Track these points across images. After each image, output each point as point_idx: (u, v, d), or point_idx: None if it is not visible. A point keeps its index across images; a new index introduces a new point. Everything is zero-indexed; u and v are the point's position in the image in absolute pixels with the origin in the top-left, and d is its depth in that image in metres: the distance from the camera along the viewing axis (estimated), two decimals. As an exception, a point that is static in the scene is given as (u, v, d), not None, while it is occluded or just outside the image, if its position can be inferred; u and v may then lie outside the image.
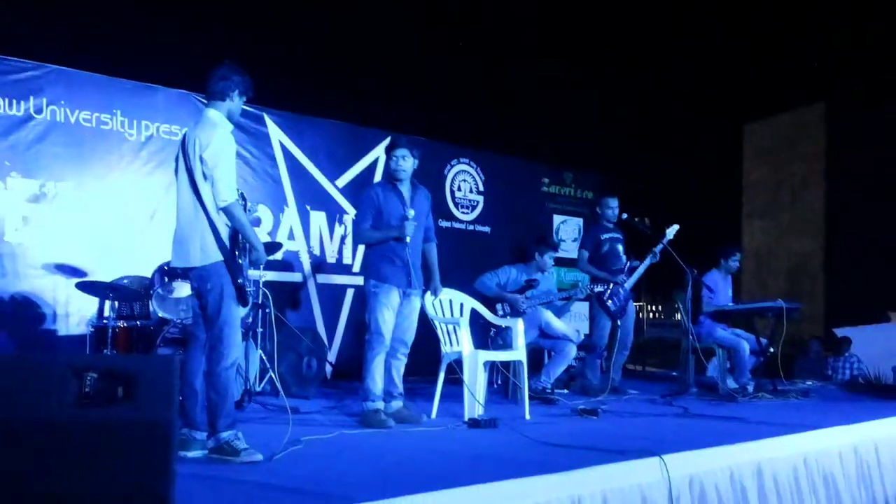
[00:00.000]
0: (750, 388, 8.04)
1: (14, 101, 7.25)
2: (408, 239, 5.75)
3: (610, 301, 7.78)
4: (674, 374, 8.86)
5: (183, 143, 4.43)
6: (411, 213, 5.79)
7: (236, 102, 4.54)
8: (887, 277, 12.34)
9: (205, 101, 4.57)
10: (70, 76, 7.58)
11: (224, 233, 4.34)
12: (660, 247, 7.81)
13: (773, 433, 5.24)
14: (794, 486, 5.02)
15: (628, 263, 8.01)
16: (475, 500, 3.46)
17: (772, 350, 8.44)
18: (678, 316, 8.67)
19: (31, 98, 7.33)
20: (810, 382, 9.29)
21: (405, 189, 5.91)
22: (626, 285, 7.88)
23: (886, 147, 13.08)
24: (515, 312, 7.36)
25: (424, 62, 10.52)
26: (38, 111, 7.35)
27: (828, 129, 14.15)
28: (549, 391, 7.35)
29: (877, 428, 5.96)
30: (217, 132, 4.35)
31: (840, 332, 11.47)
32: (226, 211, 4.31)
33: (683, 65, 12.82)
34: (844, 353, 11.10)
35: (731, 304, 8.65)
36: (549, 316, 7.59)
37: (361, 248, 7.89)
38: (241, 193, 4.84)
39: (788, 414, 6.59)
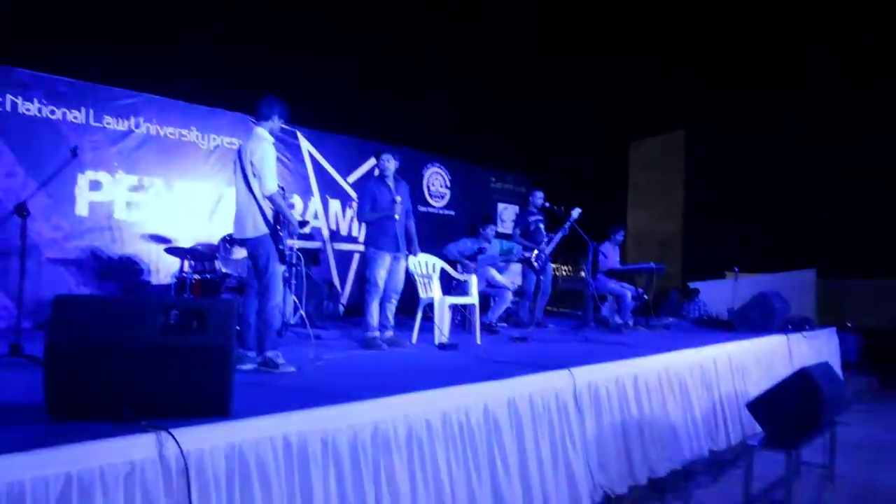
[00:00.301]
0: (630, 323, 8.11)
1: (119, 119, 7.16)
2: (396, 217, 5.76)
3: (535, 262, 7.80)
4: (579, 313, 8.89)
5: (239, 152, 4.41)
6: (399, 198, 5.79)
7: (276, 123, 4.50)
8: (724, 250, 12.53)
9: (254, 121, 4.51)
10: (159, 102, 7.48)
11: (269, 213, 4.32)
12: (568, 223, 7.80)
13: (646, 353, 5.30)
14: (659, 389, 5.08)
15: (547, 237, 8.03)
16: (442, 399, 3.48)
17: (645, 297, 8.51)
18: (582, 273, 8.69)
19: (132, 117, 7.23)
20: (671, 319, 9.38)
21: (391, 183, 5.90)
22: (546, 251, 7.90)
23: (728, 161, 13.26)
24: (469, 270, 7.37)
25: (409, 90, 10.48)
26: (137, 126, 7.26)
27: (686, 149, 14.33)
28: (493, 325, 7.38)
29: (714, 349, 6.04)
30: (262, 144, 4.33)
31: (692, 285, 11.58)
32: (269, 198, 4.29)
33: (586, 93, 12.89)
34: (695, 299, 11.20)
35: (619, 265, 8.71)
36: (493, 272, 7.62)
37: (363, 226, 7.85)
38: (282, 187, 4.79)
39: (656, 340, 6.66)
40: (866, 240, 11.19)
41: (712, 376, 5.81)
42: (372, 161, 9.50)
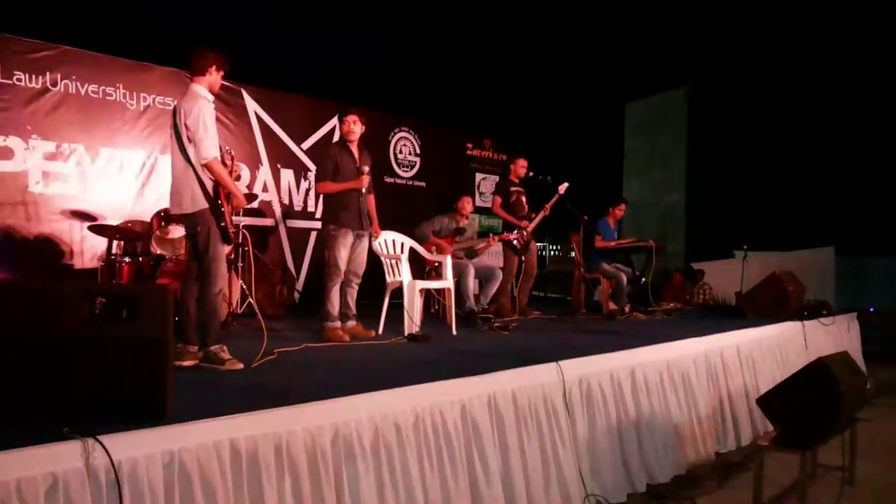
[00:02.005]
0: (626, 309, 8.19)
1: (33, 75, 7.03)
2: (363, 189, 5.72)
3: (515, 242, 7.82)
4: (568, 298, 8.95)
5: (173, 113, 4.34)
6: (365, 168, 5.76)
7: (215, 77, 4.44)
8: (733, 224, 12.62)
9: (190, 77, 4.45)
10: (79, 55, 7.34)
11: (209, 185, 4.27)
12: (550, 203, 7.83)
13: (644, 343, 5.32)
14: (659, 384, 5.13)
15: (530, 213, 8.05)
16: (413, 398, 3.48)
17: (644, 280, 8.59)
18: (573, 253, 8.73)
19: (48, 73, 7.10)
20: (672, 305, 9.47)
21: (355, 149, 5.86)
22: (527, 230, 7.91)
23: (737, 123, 13.31)
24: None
25: (372, 42, 10.39)
26: (54, 84, 7.14)
27: (689, 109, 14.34)
28: (486, 309, 7.45)
29: (722, 339, 6.09)
30: (198, 103, 4.26)
31: (696, 265, 11.69)
32: (207, 167, 4.24)
33: (580, 52, 12.82)
34: (699, 281, 11.32)
35: (613, 242, 8.76)
36: (475, 261, 7.64)
37: (321, 200, 7.80)
38: (230, 150, 4.73)
39: (655, 329, 6.71)
40: (893, 212, 11.35)
41: (719, 369, 5.87)
42: (330, 125, 9.50)
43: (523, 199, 8.16)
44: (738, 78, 13.06)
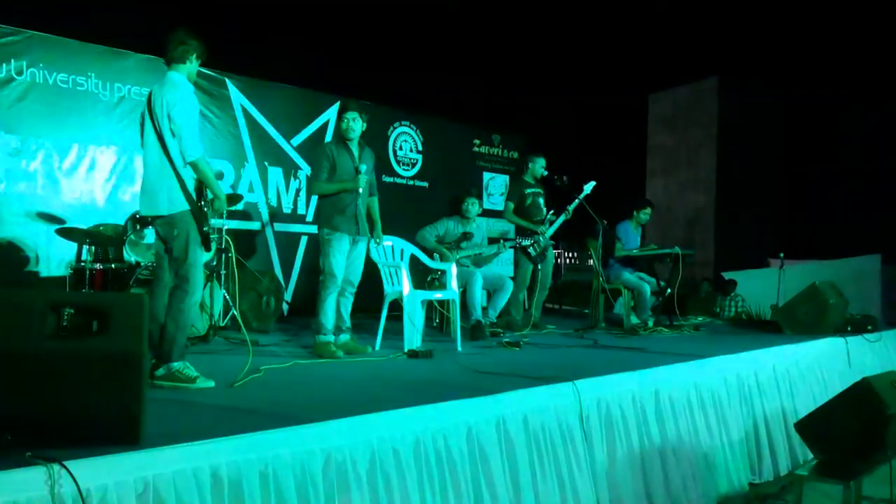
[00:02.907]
0: (650, 323, 8.17)
1: (-5, 63, 7.05)
2: (360, 191, 5.73)
3: (531, 249, 7.81)
4: (586, 311, 8.95)
5: (149, 102, 4.33)
6: (363, 167, 5.77)
7: (194, 65, 4.45)
8: (768, 228, 12.60)
9: (167, 65, 4.45)
10: (47, 41, 7.35)
11: (190, 184, 4.27)
12: (574, 204, 7.83)
13: (669, 362, 5.32)
14: (687, 407, 5.11)
15: (548, 216, 8.04)
16: (413, 421, 3.47)
17: (669, 291, 8.56)
18: (591, 261, 8.71)
19: (13, 60, 7.11)
20: (701, 318, 9.45)
21: (354, 148, 5.87)
22: (545, 235, 7.90)
23: (773, 117, 13.29)
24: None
25: (371, 32, 10.41)
26: (19, 73, 7.15)
27: (720, 100, 14.31)
28: (495, 323, 7.45)
29: (756, 357, 6.08)
30: (183, 93, 4.27)
31: (727, 275, 11.68)
32: (193, 165, 4.24)
33: (597, 38, 12.81)
34: (730, 293, 11.31)
35: (636, 249, 8.74)
36: (483, 269, 7.63)
37: (314, 200, 7.80)
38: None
39: (682, 345, 6.69)
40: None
41: (753, 390, 5.85)
42: (324, 119, 9.50)
43: (541, 201, 8.15)
44: (774, 66, 13.05)
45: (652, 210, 9.13)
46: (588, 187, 7.81)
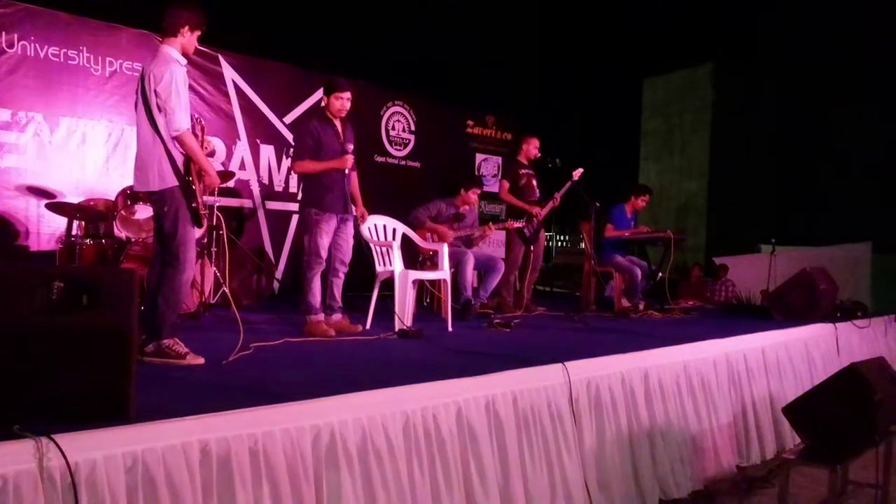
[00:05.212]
0: (641, 307, 8.19)
1: (-14, 36, 7.00)
2: (347, 170, 5.71)
3: (526, 230, 7.81)
4: (577, 294, 8.96)
5: (141, 78, 4.30)
6: (350, 146, 5.75)
7: (189, 38, 4.39)
8: (760, 214, 12.63)
9: (160, 39, 4.41)
10: (38, 14, 7.30)
11: (179, 160, 4.24)
12: (562, 191, 7.84)
13: (659, 344, 5.33)
14: (676, 389, 5.14)
15: (540, 198, 8.04)
16: (403, 400, 3.47)
17: (660, 275, 8.59)
18: (582, 244, 8.73)
19: (3, 34, 7.06)
20: (692, 303, 9.48)
21: (338, 124, 5.84)
22: (539, 216, 7.91)
23: (766, 103, 13.30)
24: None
25: (364, 9, 10.35)
26: (10, 46, 7.10)
27: (715, 86, 14.30)
28: (486, 304, 7.45)
29: (745, 341, 6.10)
30: (170, 67, 4.21)
31: (718, 260, 11.72)
32: (178, 139, 4.20)
33: (593, 23, 12.78)
34: (721, 278, 11.35)
35: (628, 232, 8.74)
36: (474, 250, 7.63)
37: (301, 178, 7.77)
38: (199, 120, 4.68)
39: (672, 328, 6.72)
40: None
41: (742, 374, 5.88)
42: (316, 97, 9.46)
43: (534, 182, 8.17)
44: (768, 53, 13.06)
45: (650, 198, 9.11)
46: (576, 174, 7.82)
